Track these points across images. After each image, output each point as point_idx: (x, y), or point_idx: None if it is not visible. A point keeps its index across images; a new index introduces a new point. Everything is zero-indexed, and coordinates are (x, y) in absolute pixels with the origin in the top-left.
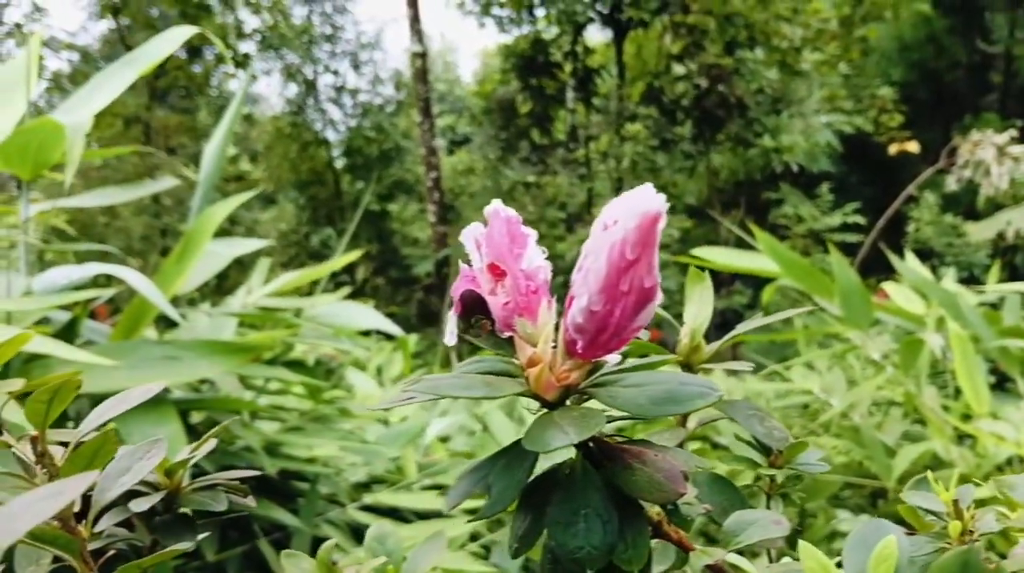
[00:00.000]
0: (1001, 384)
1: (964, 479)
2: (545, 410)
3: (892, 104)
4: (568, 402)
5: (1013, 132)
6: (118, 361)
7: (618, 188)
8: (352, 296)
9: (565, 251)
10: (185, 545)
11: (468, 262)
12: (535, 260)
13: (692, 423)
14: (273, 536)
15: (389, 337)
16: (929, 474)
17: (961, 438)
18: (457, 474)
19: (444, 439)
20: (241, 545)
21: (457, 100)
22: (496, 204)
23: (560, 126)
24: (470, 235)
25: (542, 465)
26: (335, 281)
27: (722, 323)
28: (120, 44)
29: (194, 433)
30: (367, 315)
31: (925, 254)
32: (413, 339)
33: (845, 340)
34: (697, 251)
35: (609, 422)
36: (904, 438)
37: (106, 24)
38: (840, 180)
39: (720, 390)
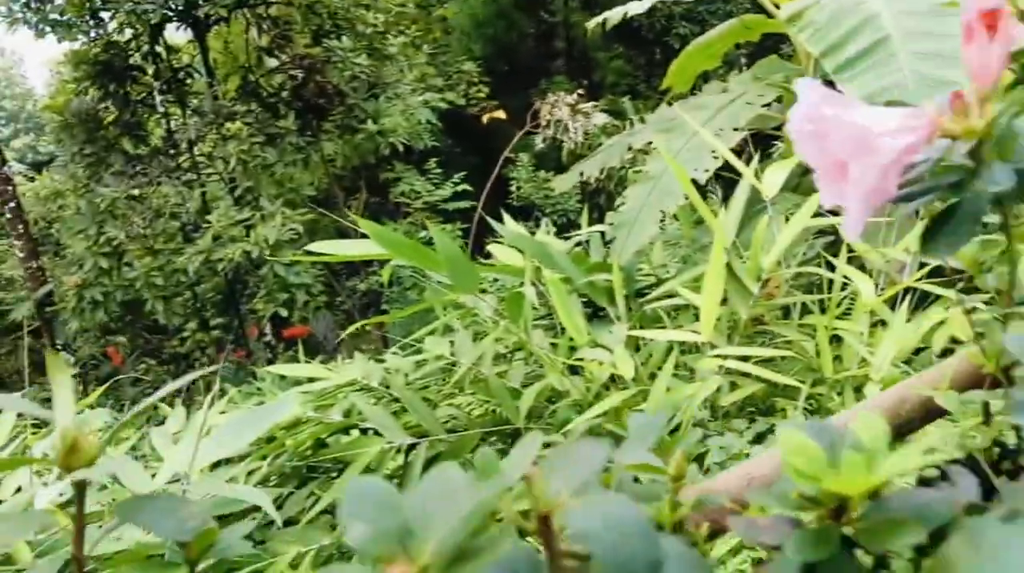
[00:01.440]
0: (597, 314)
1: (577, 403)
2: None
3: (477, 77)
4: None
5: (580, 91)
6: None
7: (232, 189)
8: None
9: (185, 265)
10: None
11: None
12: None
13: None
14: None
15: None
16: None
17: (573, 369)
18: (92, 539)
19: (67, 504)
20: None
21: (32, 117)
22: None
23: (158, 131)
24: None
25: None
26: None
27: (367, 304)
28: None
29: None
30: None
31: (529, 210)
32: (15, 396)
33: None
34: (313, 246)
35: None
36: (528, 379)
37: None
38: (446, 153)
39: None
